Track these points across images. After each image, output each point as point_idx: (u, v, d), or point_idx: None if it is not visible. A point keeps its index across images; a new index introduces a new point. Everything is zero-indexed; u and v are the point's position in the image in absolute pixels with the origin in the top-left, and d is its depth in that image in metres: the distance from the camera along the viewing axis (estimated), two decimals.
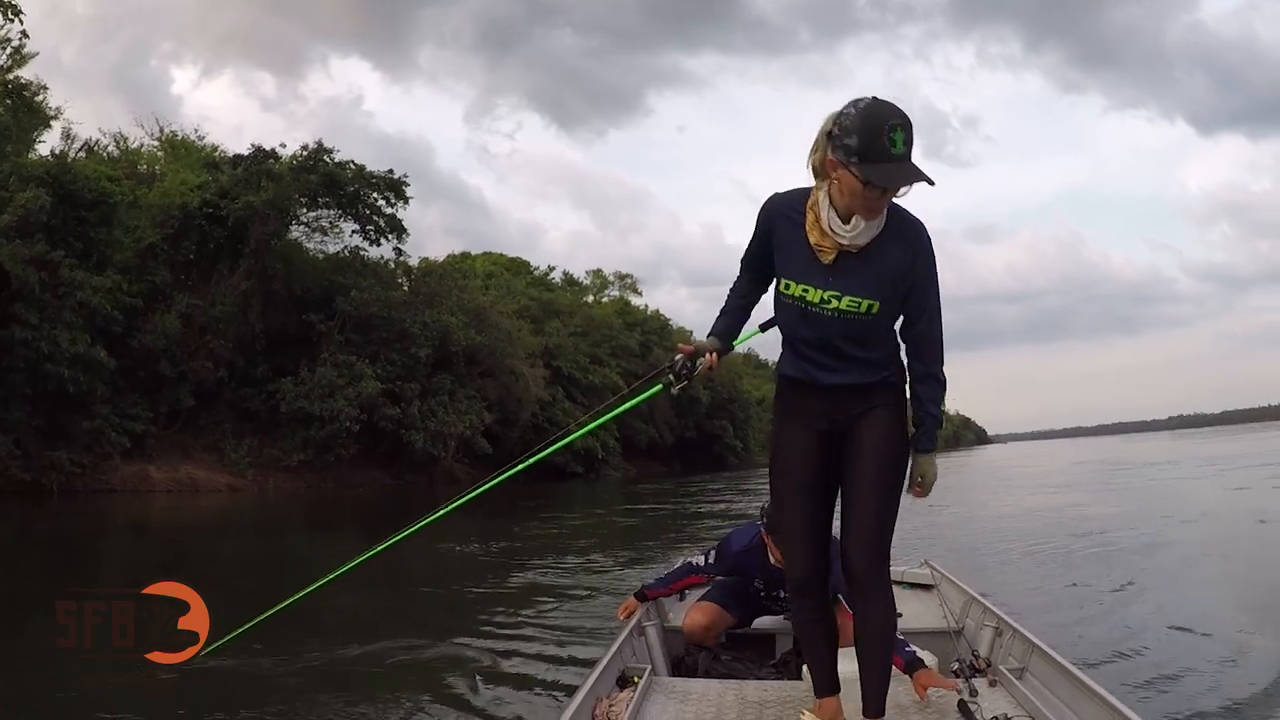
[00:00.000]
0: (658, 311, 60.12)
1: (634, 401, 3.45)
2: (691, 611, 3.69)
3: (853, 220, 2.14)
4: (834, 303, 2.21)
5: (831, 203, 2.16)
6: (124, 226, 25.21)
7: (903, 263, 2.20)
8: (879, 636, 2.34)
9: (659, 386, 2.76)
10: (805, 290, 2.24)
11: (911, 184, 2.07)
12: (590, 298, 58.07)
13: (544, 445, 3.66)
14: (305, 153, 30.44)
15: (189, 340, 26.42)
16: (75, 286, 22.73)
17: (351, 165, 31.59)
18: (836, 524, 2.50)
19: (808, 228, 2.21)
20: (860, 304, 2.21)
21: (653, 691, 2.88)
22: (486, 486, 3.39)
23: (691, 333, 72.09)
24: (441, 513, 3.34)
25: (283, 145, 30.71)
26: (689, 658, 3.60)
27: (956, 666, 2.96)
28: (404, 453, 30.91)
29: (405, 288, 33.99)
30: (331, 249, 32.86)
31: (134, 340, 24.62)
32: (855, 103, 2.07)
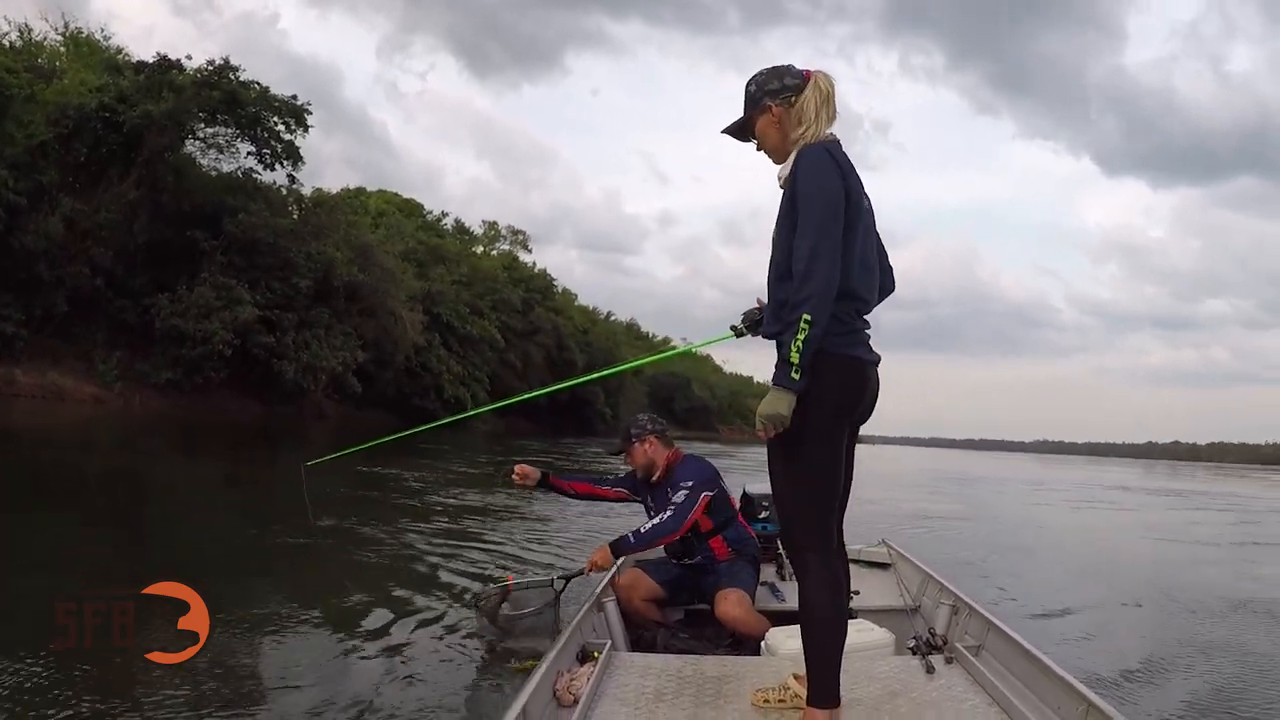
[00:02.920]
0: (544, 271, 62.82)
1: (704, 344, 4.22)
2: (620, 576, 4.02)
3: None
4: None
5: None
6: (17, 121, 25.74)
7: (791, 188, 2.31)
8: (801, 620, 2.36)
9: (728, 334, 3.15)
10: None
11: None
12: (480, 249, 60.07)
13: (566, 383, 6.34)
14: (210, 68, 31.27)
15: (70, 245, 27.13)
16: None
17: (256, 86, 32.62)
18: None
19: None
20: (778, 236, 2.35)
21: (613, 666, 2.99)
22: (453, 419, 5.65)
23: (576, 296, 75.13)
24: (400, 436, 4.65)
25: (188, 57, 31.45)
26: (648, 634, 3.81)
27: (913, 644, 3.08)
28: (274, 382, 32.52)
29: (295, 216, 35.36)
30: (225, 168, 33.87)
31: (14, 240, 25.36)
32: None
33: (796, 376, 2.16)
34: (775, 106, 2.42)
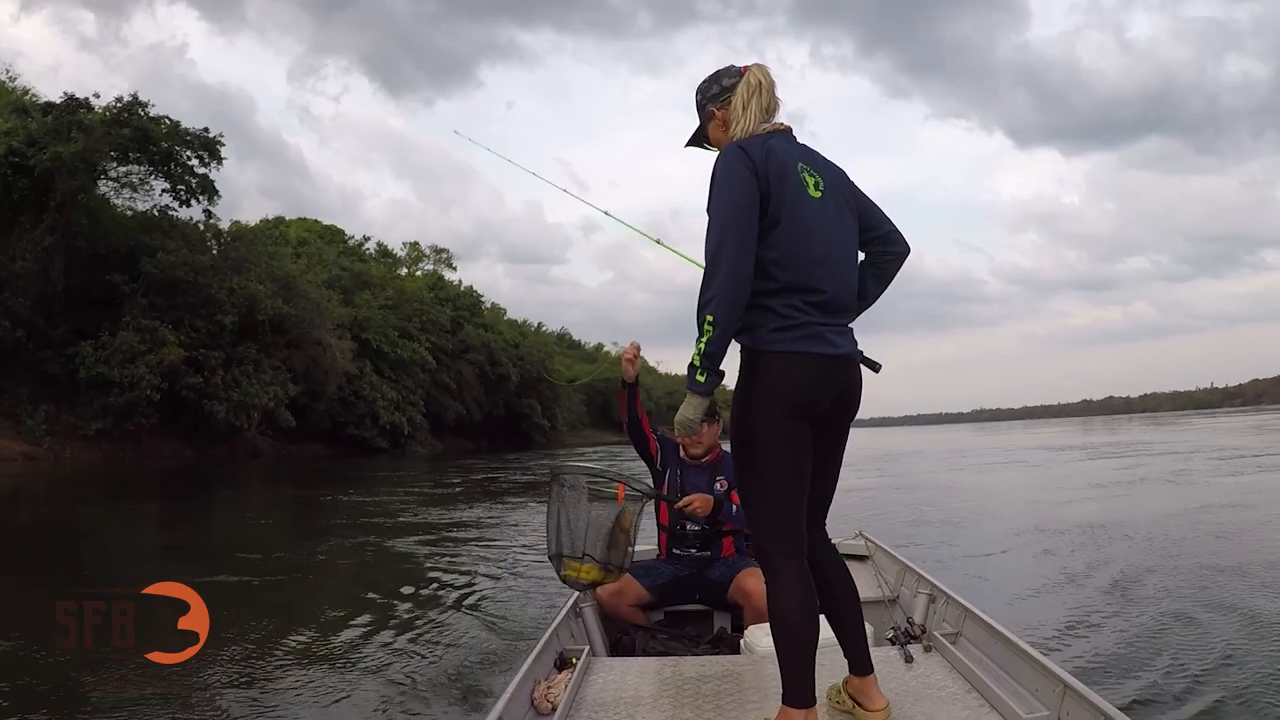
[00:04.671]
0: (471, 288, 63.85)
1: None
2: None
3: None
4: None
5: None
6: None
7: None
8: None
9: None
10: None
11: None
12: (404, 270, 60.74)
13: None
14: (119, 105, 31.82)
15: None
16: None
17: (166, 121, 33.28)
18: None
19: None
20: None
21: (591, 671, 3.02)
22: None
23: (505, 311, 76.01)
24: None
25: (96, 95, 31.96)
26: (626, 638, 3.79)
27: (892, 634, 3.16)
28: (206, 424, 32.92)
29: (214, 252, 35.85)
30: (140, 207, 34.45)
31: None
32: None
33: (701, 379, 2.20)
34: (717, 110, 2.50)
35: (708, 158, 2.47)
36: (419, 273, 62.41)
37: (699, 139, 2.63)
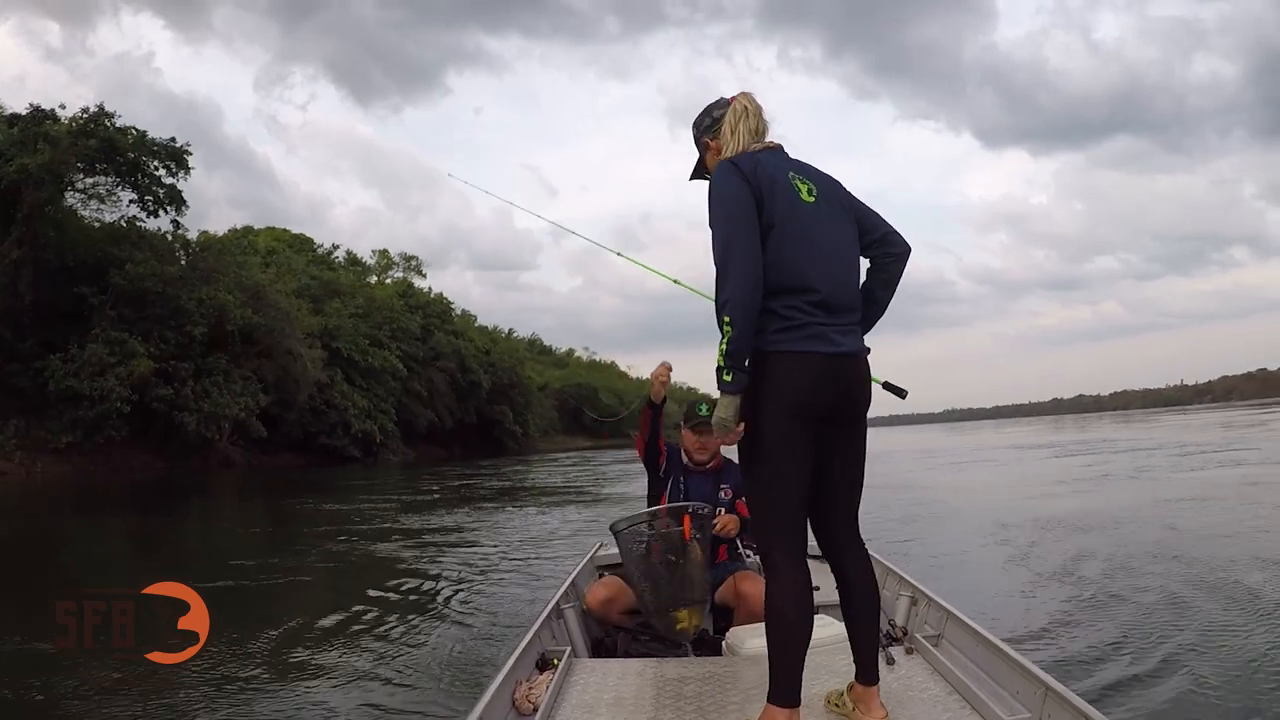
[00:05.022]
0: (441, 295, 64.13)
1: None
2: (594, 588, 3.95)
3: None
4: None
5: None
6: None
7: None
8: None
9: None
10: None
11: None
12: (373, 278, 60.93)
13: None
14: (85, 116, 31.91)
15: None
16: None
17: (133, 132, 33.41)
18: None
19: None
20: None
21: (573, 672, 3.04)
22: None
23: (475, 318, 76.24)
24: None
25: (62, 106, 32.09)
26: (608, 639, 3.83)
27: None
28: (177, 435, 32.95)
29: (183, 262, 35.89)
30: (108, 218, 34.42)
31: None
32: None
33: (727, 379, 2.29)
34: (711, 141, 2.64)
35: (680, 166, 2.77)
36: (388, 280, 62.74)
37: (700, 172, 2.76)
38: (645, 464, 4.17)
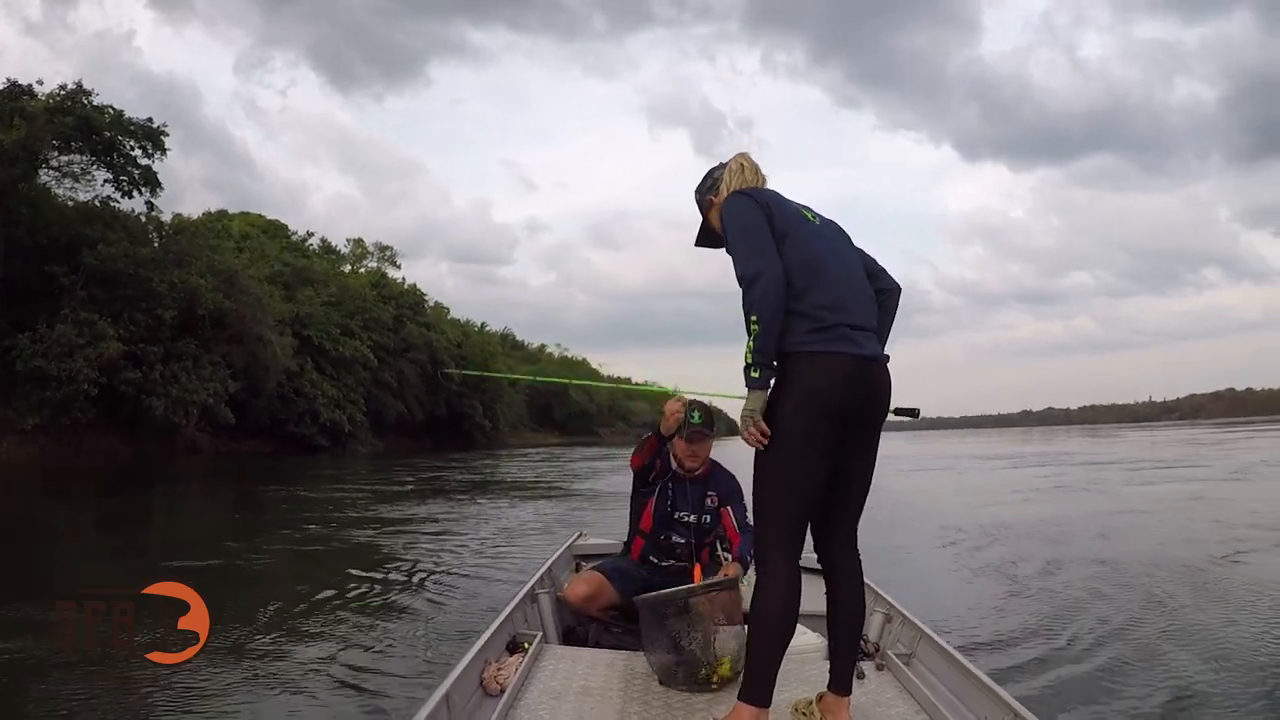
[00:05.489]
0: (414, 286, 64.30)
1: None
2: (574, 581, 3.95)
3: None
4: None
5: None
6: None
7: None
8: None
9: None
10: None
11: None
12: (347, 267, 60.90)
13: None
14: (63, 93, 31.79)
15: None
16: None
17: (110, 110, 33.30)
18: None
19: None
20: None
21: (543, 657, 3.07)
22: None
23: (448, 310, 76.34)
24: None
25: (39, 82, 31.89)
26: (580, 628, 3.82)
27: None
28: (144, 419, 32.85)
29: (156, 245, 35.80)
30: (82, 198, 34.19)
31: None
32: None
33: (755, 375, 2.37)
34: (714, 198, 2.76)
35: (658, 165, 3.07)
36: (362, 270, 62.77)
37: (705, 238, 2.91)
38: (636, 474, 4.13)
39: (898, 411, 3.16)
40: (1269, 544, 8.85)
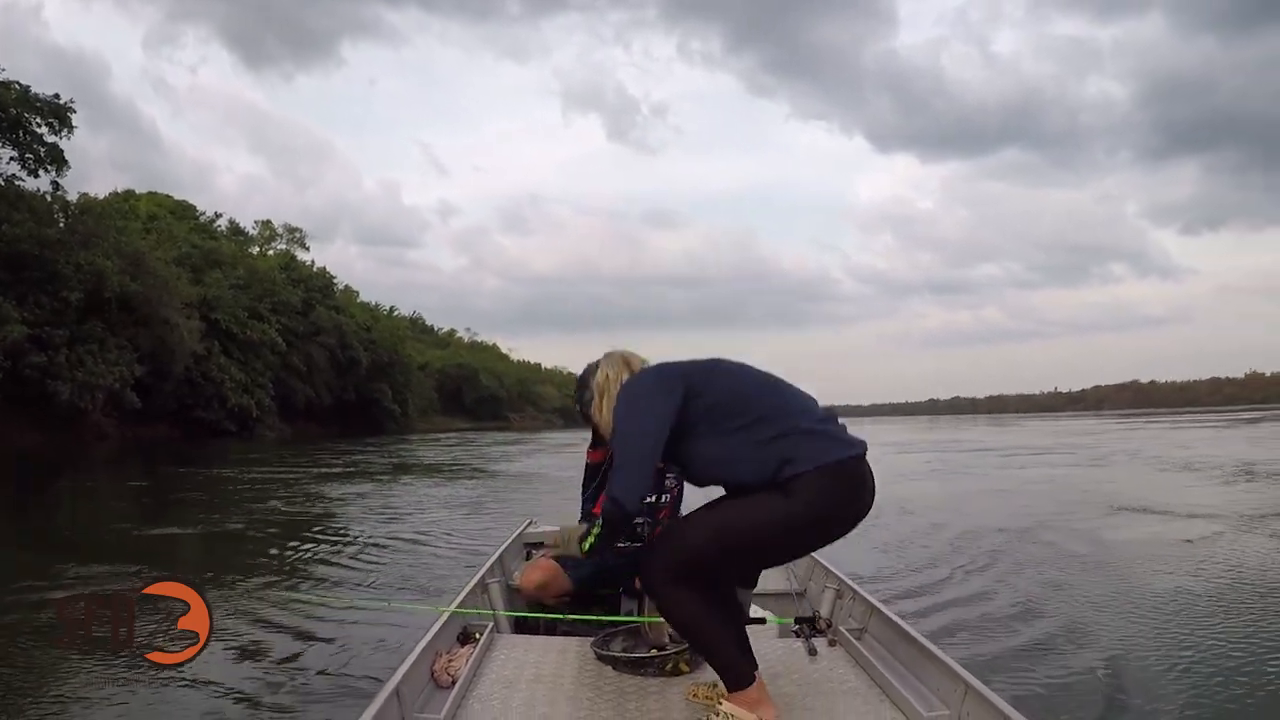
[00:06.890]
0: (324, 269, 64.82)
1: None
2: (528, 569, 3.90)
3: None
4: None
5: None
6: None
7: None
8: None
9: None
10: None
11: None
12: (256, 249, 60.89)
13: None
14: None
15: None
16: None
17: (16, 86, 33.35)
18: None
19: None
20: None
21: (494, 647, 3.09)
22: None
23: (358, 293, 76.48)
24: None
25: None
26: (532, 617, 3.81)
27: (797, 627, 3.25)
28: (49, 405, 32.96)
29: (61, 225, 35.88)
30: None
31: None
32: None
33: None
34: (596, 416, 2.65)
35: (571, 147, 3.95)
36: (271, 252, 62.92)
37: (599, 439, 3.12)
38: (590, 468, 3.99)
39: None
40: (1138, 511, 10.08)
